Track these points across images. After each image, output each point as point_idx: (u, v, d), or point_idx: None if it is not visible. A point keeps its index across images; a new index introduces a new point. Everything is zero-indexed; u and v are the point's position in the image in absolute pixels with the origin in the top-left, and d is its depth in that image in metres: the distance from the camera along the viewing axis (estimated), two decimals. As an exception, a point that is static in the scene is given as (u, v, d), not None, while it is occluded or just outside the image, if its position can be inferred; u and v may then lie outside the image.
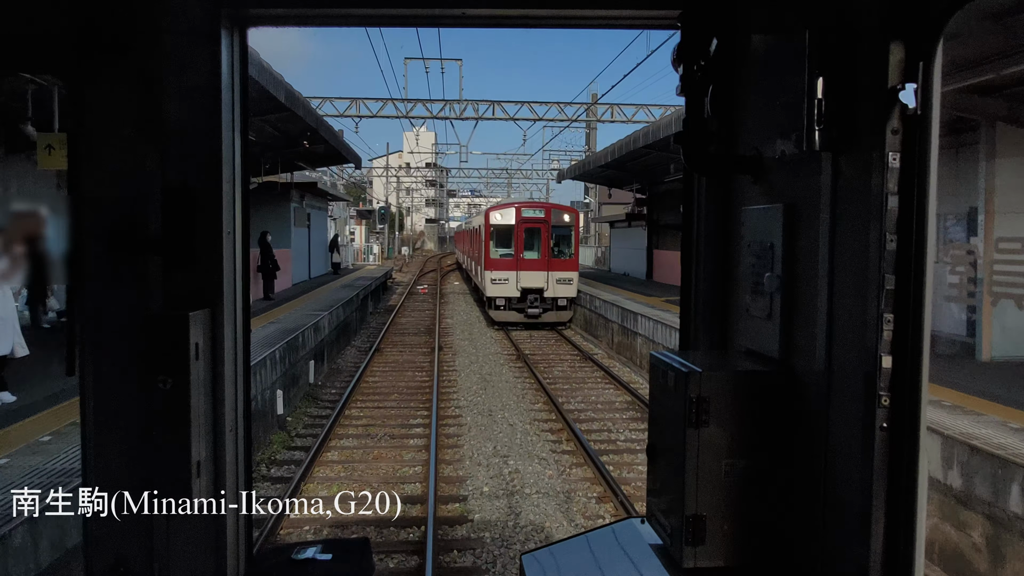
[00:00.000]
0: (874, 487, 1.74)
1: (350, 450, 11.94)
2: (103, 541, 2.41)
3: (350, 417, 13.93)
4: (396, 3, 2.72)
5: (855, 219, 1.83)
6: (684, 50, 2.56)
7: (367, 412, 14.32)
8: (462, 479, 10.63)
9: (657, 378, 2.39)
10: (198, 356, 2.37)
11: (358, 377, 17.04)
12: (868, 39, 1.77)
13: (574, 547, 2.86)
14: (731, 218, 2.61)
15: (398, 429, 13.10)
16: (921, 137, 1.67)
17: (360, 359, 19.76)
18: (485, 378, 17.62)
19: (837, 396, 1.93)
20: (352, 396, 15.39)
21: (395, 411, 14.44)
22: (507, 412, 14.39)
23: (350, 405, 14.74)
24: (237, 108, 2.54)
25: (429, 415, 13.74)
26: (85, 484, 2.39)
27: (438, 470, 10.72)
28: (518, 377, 17.78)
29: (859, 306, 1.79)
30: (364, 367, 18.28)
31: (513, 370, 18.67)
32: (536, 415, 14.18)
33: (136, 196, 2.39)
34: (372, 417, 13.93)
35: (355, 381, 16.62)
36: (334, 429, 12.84)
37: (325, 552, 2.71)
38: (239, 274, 2.56)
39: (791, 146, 2.13)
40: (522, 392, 16.18)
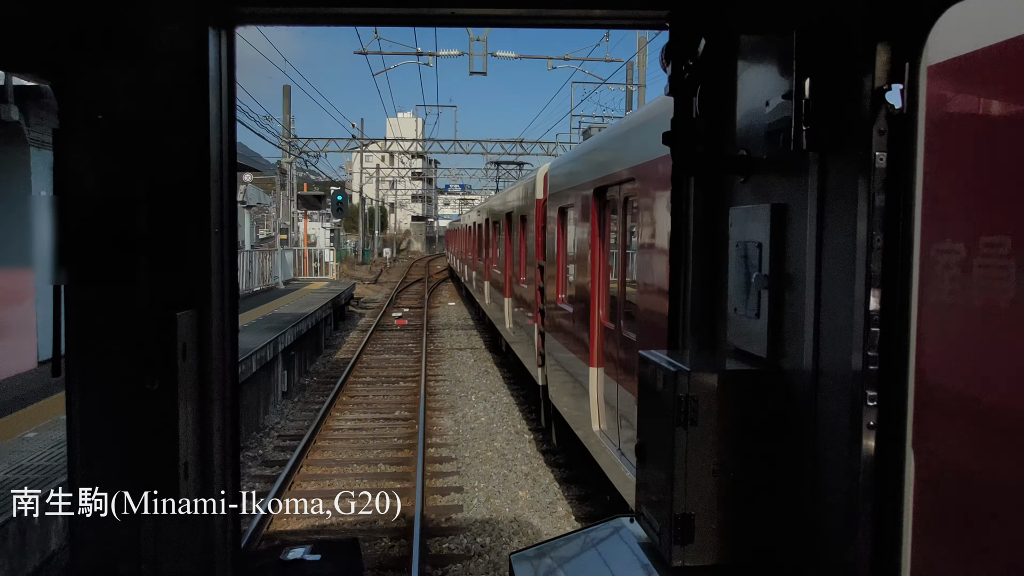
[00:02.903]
0: (860, 486, 1.75)
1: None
2: (89, 542, 2.39)
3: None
4: (385, 2, 2.71)
5: (842, 218, 1.84)
6: (673, 50, 2.58)
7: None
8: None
9: (646, 377, 2.40)
10: (185, 357, 2.36)
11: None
12: (855, 40, 1.78)
13: (563, 546, 2.86)
14: (719, 218, 2.61)
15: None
16: (907, 137, 1.68)
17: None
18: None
19: (824, 395, 1.94)
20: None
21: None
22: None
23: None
24: (225, 106, 2.53)
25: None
26: (72, 485, 2.38)
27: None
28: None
29: (846, 305, 1.80)
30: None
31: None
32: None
33: (123, 195, 2.38)
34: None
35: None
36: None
37: (314, 553, 2.72)
38: (227, 274, 2.55)
39: (779, 146, 2.12)
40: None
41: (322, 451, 11.71)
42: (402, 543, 8.14)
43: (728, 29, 2.53)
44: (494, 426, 13.36)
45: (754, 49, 2.42)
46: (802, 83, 1.88)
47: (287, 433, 12.82)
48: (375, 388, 16.59)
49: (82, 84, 2.36)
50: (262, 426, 13.19)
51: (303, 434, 12.13)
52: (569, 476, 10.53)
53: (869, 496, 1.74)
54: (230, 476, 2.59)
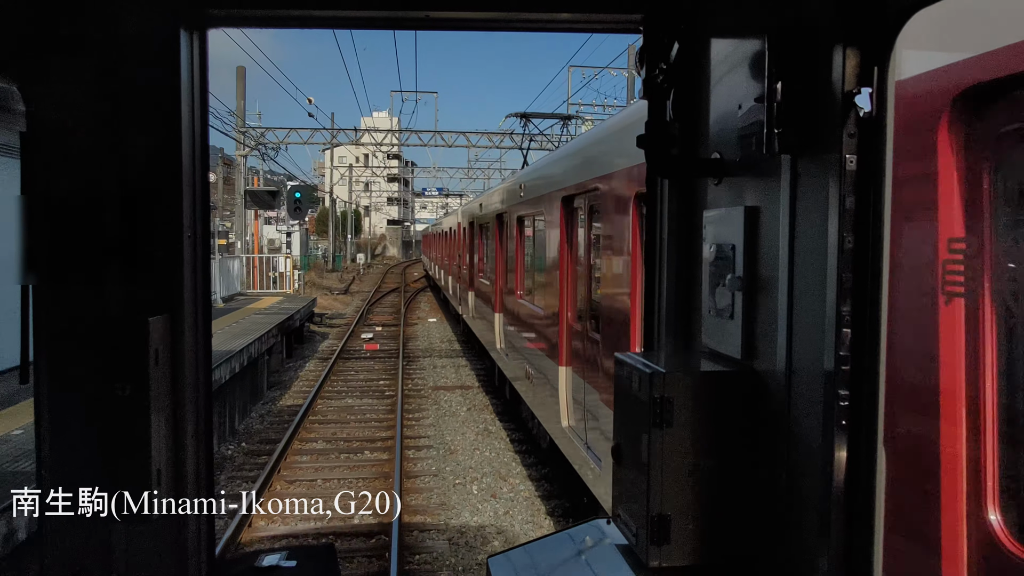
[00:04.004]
0: (833, 486, 1.77)
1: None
2: (61, 550, 2.39)
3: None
4: (359, 5, 2.74)
5: (814, 220, 1.87)
6: (647, 53, 2.61)
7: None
8: None
9: (622, 379, 2.39)
10: (158, 362, 2.35)
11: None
12: (825, 44, 1.81)
13: (540, 549, 2.86)
14: (694, 220, 2.64)
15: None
16: (877, 139, 1.72)
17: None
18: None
19: (797, 395, 1.97)
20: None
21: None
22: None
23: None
24: (197, 110, 2.53)
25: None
26: (41, 492, 2.36)
27: None
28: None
29: (818, 306, 1.83)
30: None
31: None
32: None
33: (94, 198, 2.38)
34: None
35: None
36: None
37: (290, 559, 2.71)
38: (200, 278, 2.55)
39: (752, 149, 2.16)
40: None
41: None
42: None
43: (701, 33, 2.57)
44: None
45: (727, 53, 2.44)
46: (774, 87, 1.92)
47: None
48: (327, 468, 11.25)
49: (49, 85, 2.35)
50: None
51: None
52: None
53: (842, 494, 1.77)
54: (204, 483, 2.58)
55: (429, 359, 20.54)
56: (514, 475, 10.78)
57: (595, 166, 7.77)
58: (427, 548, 8.23)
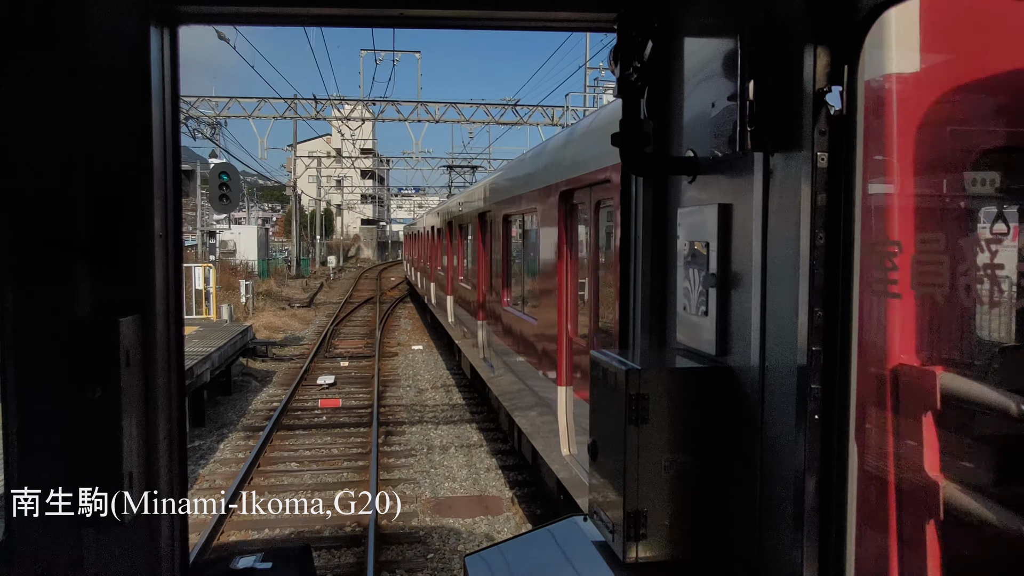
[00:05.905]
0: (806, 480, 1.80)
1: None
2: (29, 553, 2.36)
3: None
4: (332, 3, 2.75)
5: (786, 217, 1.89)
6: (620, 52, 2.63)
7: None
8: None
9: (597, 376, 2.42)
10: (129, 363, 2.34)
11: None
12: (796, 43, 1.84)
13: (517, 547, 2.88)
14: (668, 218, 2.68)
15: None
16: (847, 137, 1.75)
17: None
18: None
19: (771, 391, 1.99)
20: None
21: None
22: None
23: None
24: (168, 108, 2.52)
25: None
26: (8, 495, 2.33)
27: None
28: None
29: (791, 302, 1.85)
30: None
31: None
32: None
33: (63, 197, 2.36)
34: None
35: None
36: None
37: (265, 560, 2.70)
38: (172, 279, 2.53)
39: (724, 147, 2.19)
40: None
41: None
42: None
43: (674, 32, 2.60)
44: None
45: (700, 52, 2.47)
46: (746, 85, 1.95)
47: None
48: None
49: (16, 82, 2.32)
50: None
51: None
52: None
53: (815, 487, 1.79)
54: (177, 486, 2.56)
55: (421, 427, 13.53)
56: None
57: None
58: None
